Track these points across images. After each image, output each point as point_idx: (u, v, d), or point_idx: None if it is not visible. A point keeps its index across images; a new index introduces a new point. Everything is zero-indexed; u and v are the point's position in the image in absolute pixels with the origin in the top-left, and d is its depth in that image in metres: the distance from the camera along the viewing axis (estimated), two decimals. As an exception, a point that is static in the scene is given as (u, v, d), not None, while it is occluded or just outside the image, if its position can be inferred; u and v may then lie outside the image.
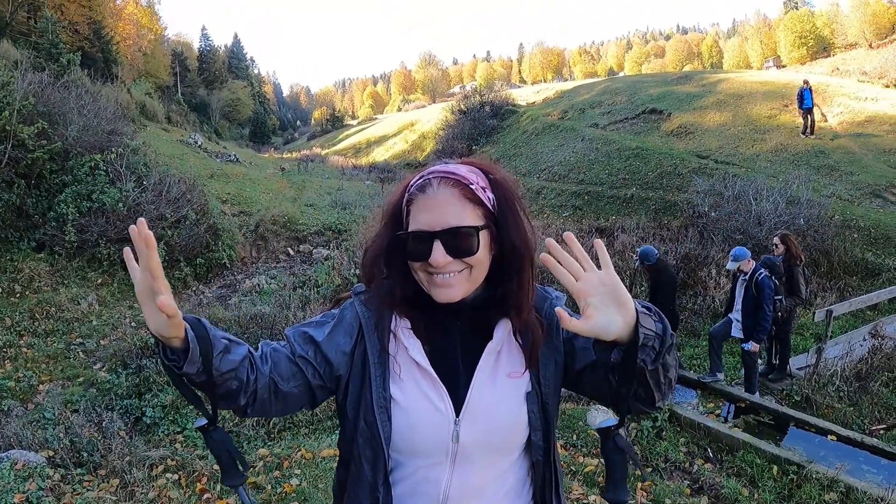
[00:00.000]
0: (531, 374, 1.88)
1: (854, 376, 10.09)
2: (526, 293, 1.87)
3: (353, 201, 24.71)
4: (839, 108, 31.18)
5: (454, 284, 1.81)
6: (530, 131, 38.85)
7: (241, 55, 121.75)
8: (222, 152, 35.95)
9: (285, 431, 8.02)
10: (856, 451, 8.01)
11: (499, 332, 1.87)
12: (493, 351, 1.86)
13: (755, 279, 9.66)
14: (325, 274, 14.68)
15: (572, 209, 26.57)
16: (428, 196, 1.81)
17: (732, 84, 38.15)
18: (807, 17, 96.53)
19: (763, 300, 9.56)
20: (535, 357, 1.87)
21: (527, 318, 1.85)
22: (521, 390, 1.87)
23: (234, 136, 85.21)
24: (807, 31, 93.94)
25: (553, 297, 2.01)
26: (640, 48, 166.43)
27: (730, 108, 33.29)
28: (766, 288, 9.56)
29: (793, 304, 10.28)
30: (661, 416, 8.34)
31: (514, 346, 1.89)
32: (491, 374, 1.86)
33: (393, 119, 76.66)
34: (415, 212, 1.83)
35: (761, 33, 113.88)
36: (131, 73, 56.68)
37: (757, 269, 9.79)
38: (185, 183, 17.76)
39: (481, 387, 1.84)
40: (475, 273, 1.83)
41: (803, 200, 18.80)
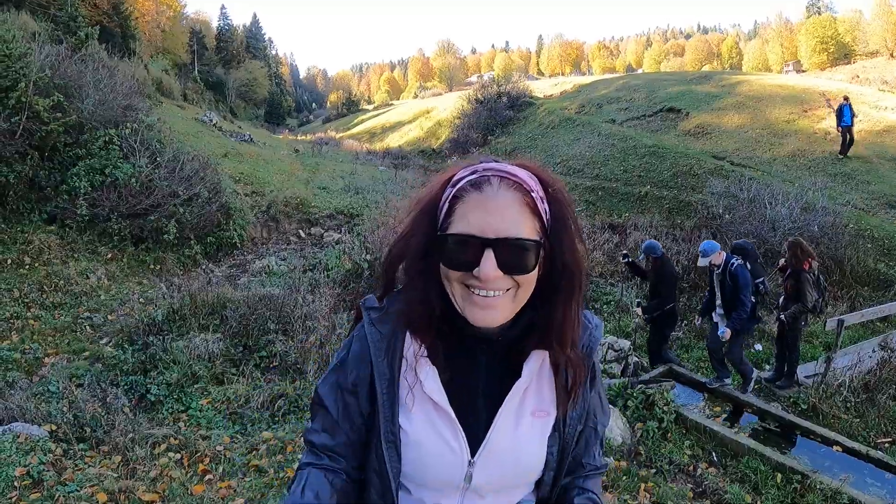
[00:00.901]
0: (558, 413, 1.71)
1: (862, 387, 10.02)
2: (572, 325, 1.65)
3: (366, 186, 24.70)
4: (858, 116, 30.97)
5: (496, 306, 1.56)
6: (546, 124, 38.81)
7: (259, 35, 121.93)
8: (237, 132, 35.97)
9: (290, 415, 7.98)
10: (861, 463, 7.96)
11: (529, 366, 1.66)
12: (520, 389, 1.66)
13: (729, 270, 9.54)
14: (336, 258, 14.64)
15: (586, 204, 26.47)
16: (486, 196, 1.53)
17: (752, 86, 37.95)
18: (829, 22, 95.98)
19: (739, 290, 9.40)
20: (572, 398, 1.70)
21: (569, 354, 1.66)
22: (545, 431, 1.70)
23: (250, 116, 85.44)
24: (828, 36, 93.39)
25: (594, 325, 1.79)
26: (659, 46, 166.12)
27: (748, 111, 33.13)
28: (741, 276, 9.40)
29: (798, 310, 10.11)
30: (668, 418, 8.29)
31: (544, 380, 1.71)
32: (515, 415, 1.68)
33: (409, 106, 76.66)
34: (464, 211, 1.55)
35: (782, 37, 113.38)
36: (149, 50, 56.76)
37: (729, 259, 9.65)
38: (199, 161, 17.75)
39: (502, 429, 1.66)
40: (521, 294, 1.59)
41: (818, 207, 18.71)
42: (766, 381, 10.73)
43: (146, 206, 15.50)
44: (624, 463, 7.32)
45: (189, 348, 9.45)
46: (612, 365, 10.93)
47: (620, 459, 7.41)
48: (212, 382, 8.80)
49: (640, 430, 8.16)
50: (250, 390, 8.33)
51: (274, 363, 9.26)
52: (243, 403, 8.12)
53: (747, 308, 9.41)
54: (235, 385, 8.49)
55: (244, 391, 8.29)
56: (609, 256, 17.43)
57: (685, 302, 14.74)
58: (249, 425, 7.73)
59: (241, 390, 8.32)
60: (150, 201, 15.54)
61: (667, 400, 8.49)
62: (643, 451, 7.80)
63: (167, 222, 15.43)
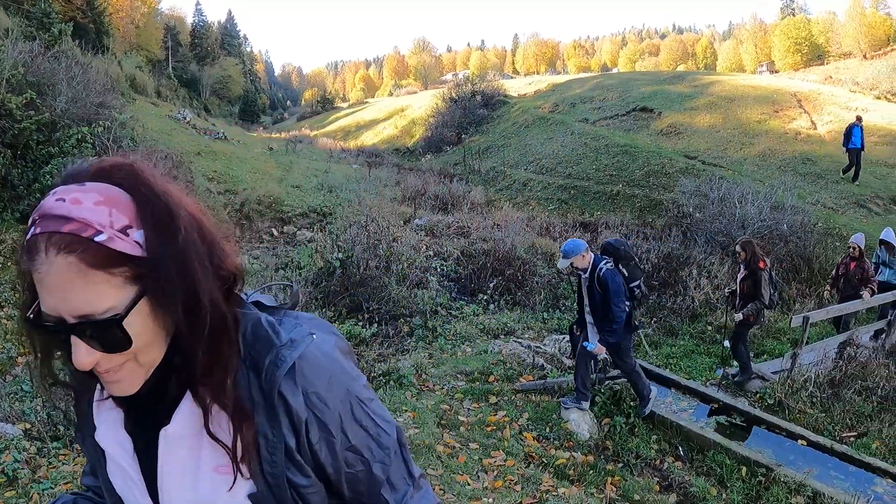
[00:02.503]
0: (255, 469, 1.36)
1: (828, 383, 10.15)
2: (222, 366, 1.32)
3: (339, 184, 24.67)
4: (829, 116, 31.32)
5: (121, 379, 1.28)
6: (520, 123, 38.97)
7: (234, 32, 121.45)
8: (211, 129, 35.72)
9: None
10: (825, 456, 8.05)
11: (182, 413, 1.34)
12: (177, 436, 1.35)
13: (597, 276, 8.22)
14: (308, 256, 14.66)
15: (558, 203, 26.63)
16: (41, 272, 1.16)
17: (725, 87, 38.29)
18: (803, 23, 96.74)
19: (610, 298, 8.13)
20: (244, 452, 1.33)
21: (224, 401, 1.32)
22: (240, 491, 1.35)
23: (224, 113, 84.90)
24: (802, 37, 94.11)
25: (285, 343, 1.38)
26: (635, 45, 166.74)
27: (720, 111, 33.42)
28: (611, 283, 8.12)
29: (757, 308, 10.19)
30: (635, 413, 8.40)
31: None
32: (188, 468, 1.37)
33: (384, 104, 76.67)
34: (37, 284, 1.20)
35: (756, 37, 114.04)
36: (123, 46, 56.39)
37: (597, 262, 8.32)
38: (172, 159, 17.67)
39: (174, 486, 1.38)
40: (144, 357, 1.28)
41: (787, 206, 18.91)
42: (732, 377, 10.88)
43: (118, 205, 15.44)
44: (591, 457, 7.42)
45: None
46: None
47: (587, 454, 7.51)
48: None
49: (607, 426, 8.26)
50: (223, 387, 8.36)
51: (246, 360, 9.28)
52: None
53: (621, 318, 8.19)
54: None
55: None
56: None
57: (655, 299, 14.87)
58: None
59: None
60: (122, 199, 15.48)
61: (634, 395, 8.59)
62: (610, 446, 7.89)
63: (140, 221, 15.37)
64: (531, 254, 15.85)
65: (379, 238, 13.62)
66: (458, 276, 14.88)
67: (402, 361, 9.82)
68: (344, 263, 12.55)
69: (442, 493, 6.17)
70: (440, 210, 22.28)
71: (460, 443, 7.25)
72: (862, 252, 11.86)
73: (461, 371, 9.67)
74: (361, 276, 12.38)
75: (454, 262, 15.49)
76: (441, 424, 7.68)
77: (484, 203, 24.81)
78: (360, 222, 14.76)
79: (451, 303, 13.46)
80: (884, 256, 13.44)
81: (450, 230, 18.18)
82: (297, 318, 1.48)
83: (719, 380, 10.84)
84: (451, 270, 15.13)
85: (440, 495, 6.12)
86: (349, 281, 12.34)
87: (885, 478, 7.62)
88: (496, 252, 15.43)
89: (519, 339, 11.22)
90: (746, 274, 10.24)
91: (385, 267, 12.87)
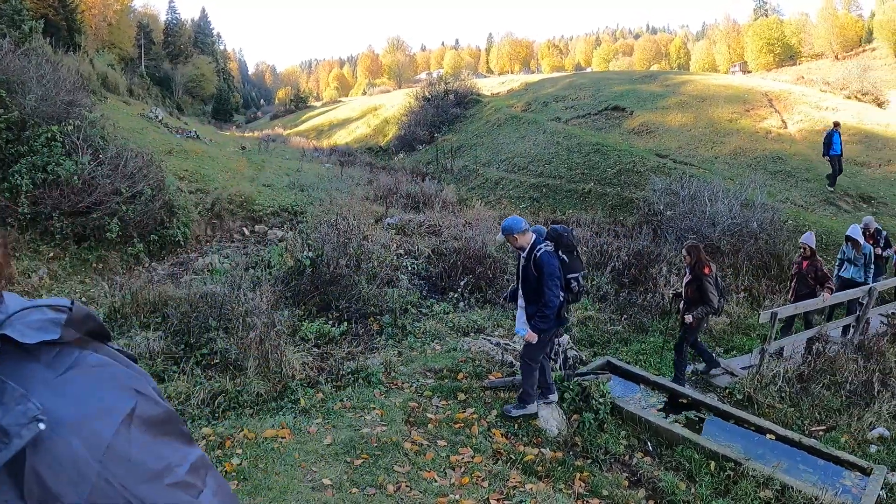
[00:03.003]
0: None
1: (796, 378, 10.25)
2: None
3: (311, 183, 24.59)
4: (799, 115, 31.59)
5: None
6: (493, 121, 39.01)
7: (207, 30, 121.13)
8: (183, 128, 35.57)
9: (230, 411, 7.98)
10: (794, 450, 8.15)
11: None
12: None
13: (534, 256, 7.93)
14: (279, 255, 14.62)
15: (530, 201, 26.69)
16: None
17: (696, 86, 38.54)
18: (776, 24, 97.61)
19: (544, 281, 7.83)
20: None
21: None
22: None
23: (197, 112, 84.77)
24: (774, 38, 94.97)
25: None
26: (608, 45, 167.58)
27: (692, 110, 33.59)
28: (547, 265, 7.82)
29: (704, 312, 10.21)
30: (604, 409, 8.40)
31: None
32: None
33: (357, 102, 76.62)
34: None
35: (730, 38, 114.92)
36: (95, 44, 56.11)
37: (537, 243, 8.04)
38: (143, 158, 17.51)
39: None
40: None
41: (757, 204, 19.07)
42: (701, 373, 10.94)
43: (88, 204, 15.28)
44: (560, 453, 7.44)
45: (130, 347, 9.38)
46: (552, 358, 11.06)
47: (556, 450, 7.53)
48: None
49: (576, 422, 8.27)
50: (191, 387, 8.30)
51: (215, 360, 9.22)
52: (184, 401, 8.10)
53: (554, 303, 7.89)
54: (176, 382, 8.44)
55: (185, 388, 8.27)
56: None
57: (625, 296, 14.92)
58: (190, 422, 7.72)
59: (183, 387, 8.28)
60: (92, 199, 15.31)
61: (602, 392, 8.59)
62: (579, 442, 7.91)
63: (109, 220, 15.22)
64: (502, 252, 15.86)
65: (349, 237, 13.60)
66: (429, 275, 14.87)
67: (371, 359, 9.80)
68: (314, 262, 12.52)
69: (408, 490, 6.19)
70: (412, 209, 22.27)
71: (428, 440, 7.26)
72: (814, 251, 11.94)
73: (430, 369, 9.67)
74: (331, 274, 12.35)
75: (425, 261, 15.49)
76: (409, 422, 7.69)
77: (456, 202, 24.81)
78: (331, 221, 14.72)
79: (421, 301, 13.45)
80: (849, 253, 13.60)
81: (421, 229, 18.17)
82: (76, 365, 1.15)
83: (689, 375, 10.89)
84: (422, 269, 15.13)
85: (406, 493, 6.13)
86: (319, 280, 12.30)
87: (853, 471, 7.74)
88: (467, 250, 15.42)
89: (488, 337, 11.22)
90: (692, 278, 10.25)
91: (355, 265, 12.84)
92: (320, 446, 6.86)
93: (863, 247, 13.40)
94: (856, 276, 13.38)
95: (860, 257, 13.41)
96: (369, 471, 6.45)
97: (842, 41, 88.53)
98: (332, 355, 9.93)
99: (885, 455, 8.48)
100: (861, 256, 13.41)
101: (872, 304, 12.65)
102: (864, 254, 13.40)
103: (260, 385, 8.42)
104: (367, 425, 7.41)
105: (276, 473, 6.26)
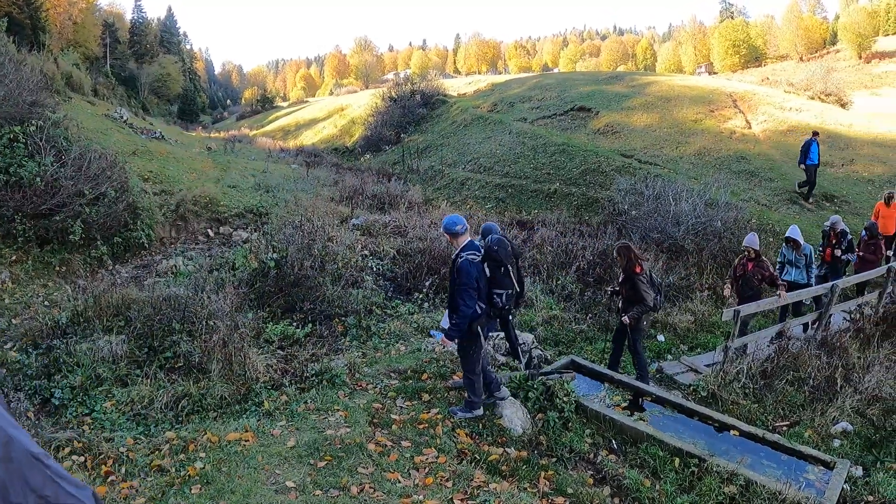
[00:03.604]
0: None
1: (760, 374, 10.35)
2: None
3: (277, 184, 24.49)
4: (763, 116, 31.88)
5: None
6: (459, 122, 39.08)
7: (173, 29, 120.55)
8: (148, 129, 35.29)
9: (193, 414, 7.94)
10: (758, 446, 8.24)
11: None
12: None
13: (456, 261, 7.90)
14: (243, 257, 14.55)
15: (496, 201, 26.75)
16: None
17: (661, 87, 38.78)
18: (741, 26, 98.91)
19: (457, 289, 7.81)
20: None
21: None
22: None
23: (163, 112, 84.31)
24: (740, 40, 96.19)
25: None
26: (576, 46, 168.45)
27: (657, 111, 33.81)
28: (464, 274, 7.71)
29: (641, 310, 10.25)
30: (568, 408, 8.42)
31: None
32: None
33: (324, 103, 76.57)
34: None
35: (696, 39, 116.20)
36: (59, 42, 55.60)
37: (467, 248, 7.93)
38: (107, 159, 17.33)
39: None
40: None
41: (721, 203, 19.25)
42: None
43: (51, 206, 15.10)
44: (524, 452, 7.44)
45: (93, 351, 9.31)
46: (515, 358, 11.08)
47: (521, 449, 7.53)
48: (116, 384, 8.68)
49: (540, 421, 8.28)
50: (154, 391, 8.25)
51: (178, 363, 9.17)
52: (147, 404, 8.05)
53: (465, 313, 7.76)
54: (140, 386, 8.39)
55: (148, 392, 8.22)
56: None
57: (590, 296, 14.98)
58: (153, 426, 7.69)
59: (146, 391, 8.23)
60: (55, 201, 15.14)
61: (567, 391, 8.60)
62: (544, 441, 7.92)
63: (73, 223, 15.05)
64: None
65: (314, 238, 13.57)
66: (394, 275, 14.86)
67: (335, 361, 9.77)
68: (278, 263, 12.48)
69: (372, 491, 6.18)
70: (378, 209, 22.24)
71: (392, 441, 7.25)
72: (758, 253, 11.73)
73: (394, 370, 9.66)
74: (296, 276, 12.31)
75: (390, 262, 15.47)
76: (373, 423, 7.68)
77: (422, 202, 24.79)
78: (296, 222, 14.69)
79: (386, 302, 13.44)
80: (789, 255, 13.40)
81: (387, 229, 18.13)
82: None
83: (653, 373, 10.97)
84: (387, 269, 15.11)
85: (370, 494, 6.13)
86: (283, 281, 12.27)
87: (817, 465, 7.82)
88: (432, 251, 15.43)
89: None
90: (625, 278, 10.32)
91: (320, 267, 12.82)
92: (284, 449, 6.84)
93: (803, 247, 13.20)
94: (798, 279, 13.17)
95: (801, 258, 13.23)
96: (333, 472, 6.44)
97: (806, 43, 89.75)
98: (297, 357, 9.89)
99: (848, 449, 8.60)
100: (802, 258, 13.22)
101: (835, 300, 12.78)
102: (805, 254, 13.21)
103: (224, 388, 8.38)
104: (331, 427, 7.39)
105: (239, 477, 6.24)
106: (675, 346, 13.24)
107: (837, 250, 14.68)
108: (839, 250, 14.66)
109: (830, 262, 14.83)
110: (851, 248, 14.91)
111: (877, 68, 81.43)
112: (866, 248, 15.38)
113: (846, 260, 14.89)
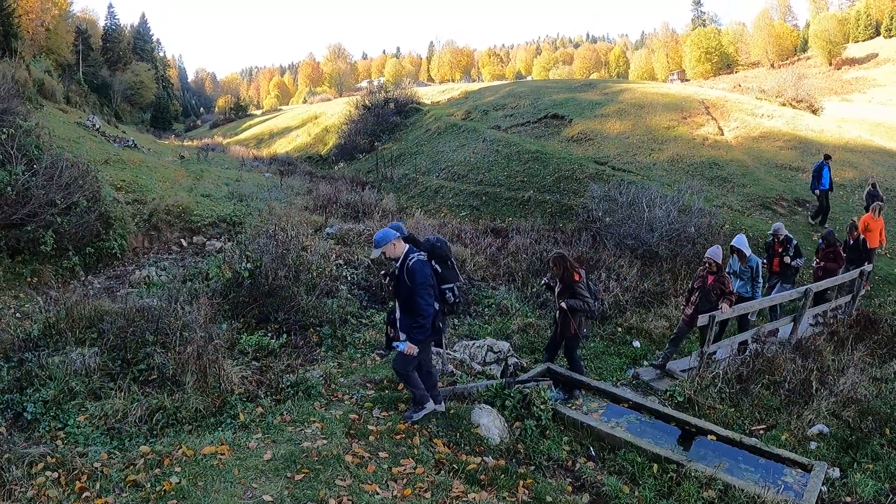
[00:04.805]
0: None
1: (736, 378, 10.41)
2: None
3: (250, 193, 24.40)
4: (735, 122, 32.16)
5: None
6: (433, 130, 39.13)
7: (147, 36, 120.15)
8: (121, 137, 35.12)
9: (168, 428, 7.84)
10: (735, 450, 8.29)
11: None
12: None
13: (406, 265, 7.83)
14: (217, 267, 14.43)
15: (470, 209, 26.78)
16: None
17: (635, 94, 38.99)
18: (713, 34, 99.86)
19: (416, 289, 7.72)
20: None
21: None
22: None
23: (135, 120, 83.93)
24: (712, 47, 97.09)
25: None
26: (549, 54, 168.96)
27: (630, 118, 34.01)
28: (419, 273, 7.72)
29: (582, 317, 10.28)
30: (545, 416, 8.42)
31: None
32: None
33: (298, 111, 76.57)
34: None
35: (668, 47, 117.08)
36: (32, 49, 55.18)
37: (410, 252, 7.95)
38: (79, 168, 17.16)
39: None
40: None
41: (695, 209, 19.37)
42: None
43: (22, 215, 14.92)
44: (502, 461, 7.43)
45: (66, 363, 9.16)
46: (493, 366, 11.06)
47: (499, 458, 7.52)
48: (89, 398, 8.55)
49: (518, 429, 8.26)
50: (128, 404, 8.13)
51: (152, 376, 9.06)
52: (121, 418, 7.94)
53: (427, 311, 7.79)
54: (113, 400, 8.27)
55: (122, 406, 8.10)
56: (491, 260, 17.59)
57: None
58: (128, 440, 7.59)
59: (119, 405, 8.11)
60: (26, 211, 14.96)
61: (543, 399, 8.61)
62: (522, 449, 7.90)
63: (44, 233, 14.88)
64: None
65: (288, 247, 13.48)
66: (369, 285, 14.79)
67: (310, 371, 9.71)
68: (252, 273, 12.38)
69: (350, 503, 6.12)
70: (352, 218, 22.17)
71: (369, 452, 7.20)
72: (719, 266, 11.40)
73: (370, 380, 9.61)
74: (270, 286, 12.20)
75: (364, 270, 15.42)
76: (350, 434, 7.62)
77: (396, 211, 24.79)
78: (269, 231, 14.60)
79: (361, 311, 13.39)
80: (735, 266, 13.03)
81: (361, 238, 18.08)
82: None
83: (630, 379, 11.00)
84: (362, 279, 15.06)
85: (346, 507, 6.09)
86: (258, 291, 12.15)
87: (795, 468, 7.87)
88: (406, 260, 15.38)
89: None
90: (563, 287, 10.32)
91: (294, 276, 12.72)
92: (260, 462, 6.77)
93: (748, 258, 12.76)
94: (741, 291, 12.70)
95: (746, 270, 12.82)
96: (310, 485, 6.38)
97: (778, 50, 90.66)
98: (272, 368, 9.78)
99: (824, 451, 8.70)
100: (747, 269, 12.81)
101: (809, 304, 12.87)
102: (751, 266, 12.77)
103: (198, 400, 8.28)
104: (308, 439, 7.32)
105: (215, 491, 6.17)
106: (650, 352, 13.26)
107: (786, 257, 14.56)
108: (787, 257, 14.56)
109: (779, 272, 14.83)
110: (799, 252, 14.85)
111: (847, 75, 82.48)
112: (825, 257, 15.35)
113: (796, 266, 14.84)
